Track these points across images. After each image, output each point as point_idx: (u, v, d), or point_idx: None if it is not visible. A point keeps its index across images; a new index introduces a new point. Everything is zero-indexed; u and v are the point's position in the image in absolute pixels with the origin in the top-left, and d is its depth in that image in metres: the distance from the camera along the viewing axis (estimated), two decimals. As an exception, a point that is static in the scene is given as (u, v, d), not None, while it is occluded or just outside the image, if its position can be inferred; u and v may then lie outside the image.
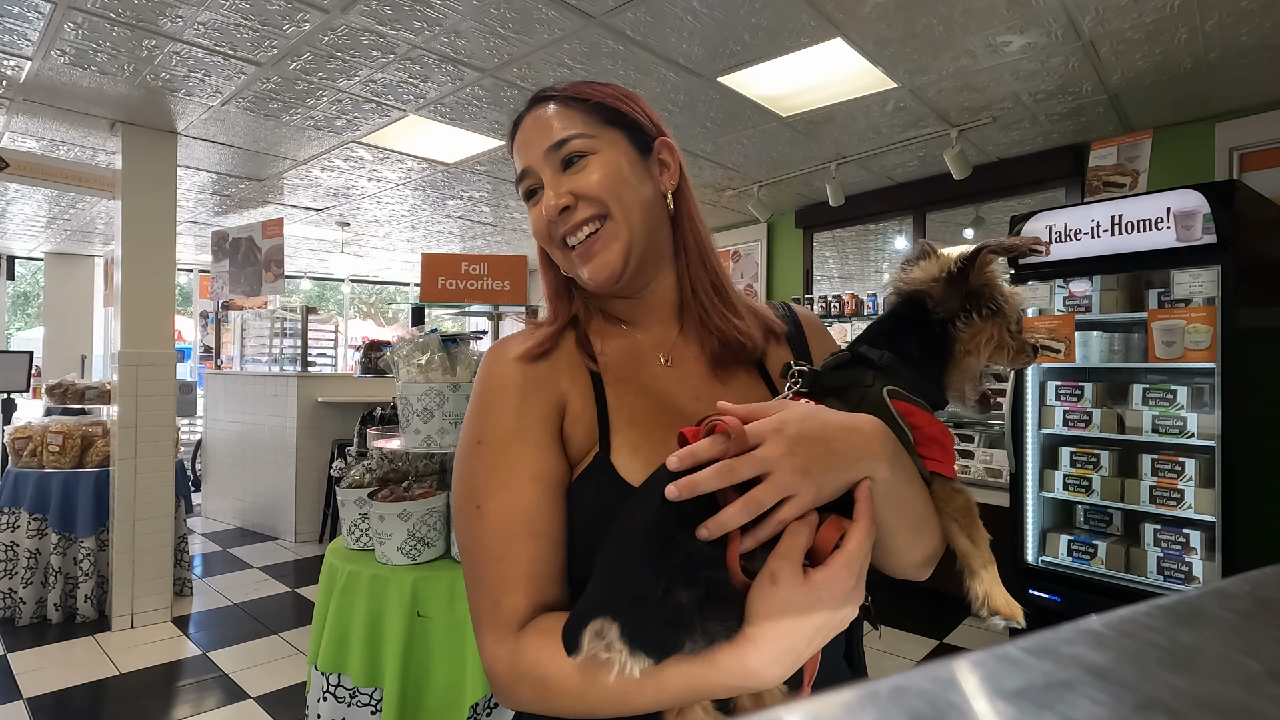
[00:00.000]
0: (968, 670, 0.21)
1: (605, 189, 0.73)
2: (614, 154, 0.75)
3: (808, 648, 0.56)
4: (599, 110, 0.76)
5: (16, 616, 3.73)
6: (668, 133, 0.81)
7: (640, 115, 0.78)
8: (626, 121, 0.77)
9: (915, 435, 0.66)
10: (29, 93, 3.41)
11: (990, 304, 0.69)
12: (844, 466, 0.58)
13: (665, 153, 0.79)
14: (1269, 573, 0.29)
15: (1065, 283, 3.26)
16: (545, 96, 0.77)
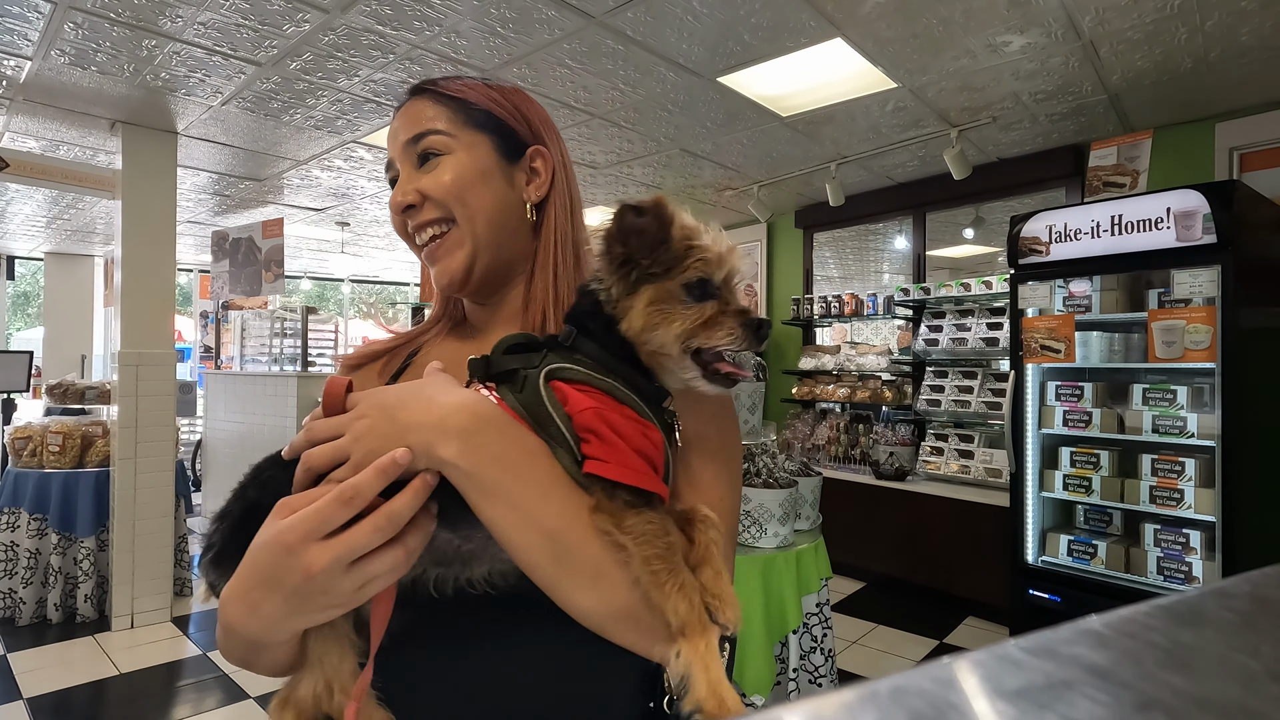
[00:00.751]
0: (968, 670, 0.21)
1: (451, 193, 0.71)
2: (470, 157, 0.72)
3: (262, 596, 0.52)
4: (468, 110, 0.73)
5: (16, 616, 3.73)
6: (548, 142, 0.77)
7: (516, 120, 0.75)
8: (496, 125, 0.74)
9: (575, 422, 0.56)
10: (29, 93, 3.40)
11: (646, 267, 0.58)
12: (397, 435, 0.53)
13: (538, 161, 0.76)
14: (1269, 573, 0.29)
15: (1065, 283, 3.26)
16: (422, 89, 0.75)
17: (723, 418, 0.69)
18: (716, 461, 0.66)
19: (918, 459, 4.51)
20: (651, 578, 0.52)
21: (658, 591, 0.52)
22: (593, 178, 4.90)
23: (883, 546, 4.35)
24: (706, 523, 0.58)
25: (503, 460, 0.54)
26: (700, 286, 0.58)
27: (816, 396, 5.25)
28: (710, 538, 0.57)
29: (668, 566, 0.52)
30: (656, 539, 0.53)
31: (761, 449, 2.48)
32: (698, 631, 0.52)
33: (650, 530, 0.53)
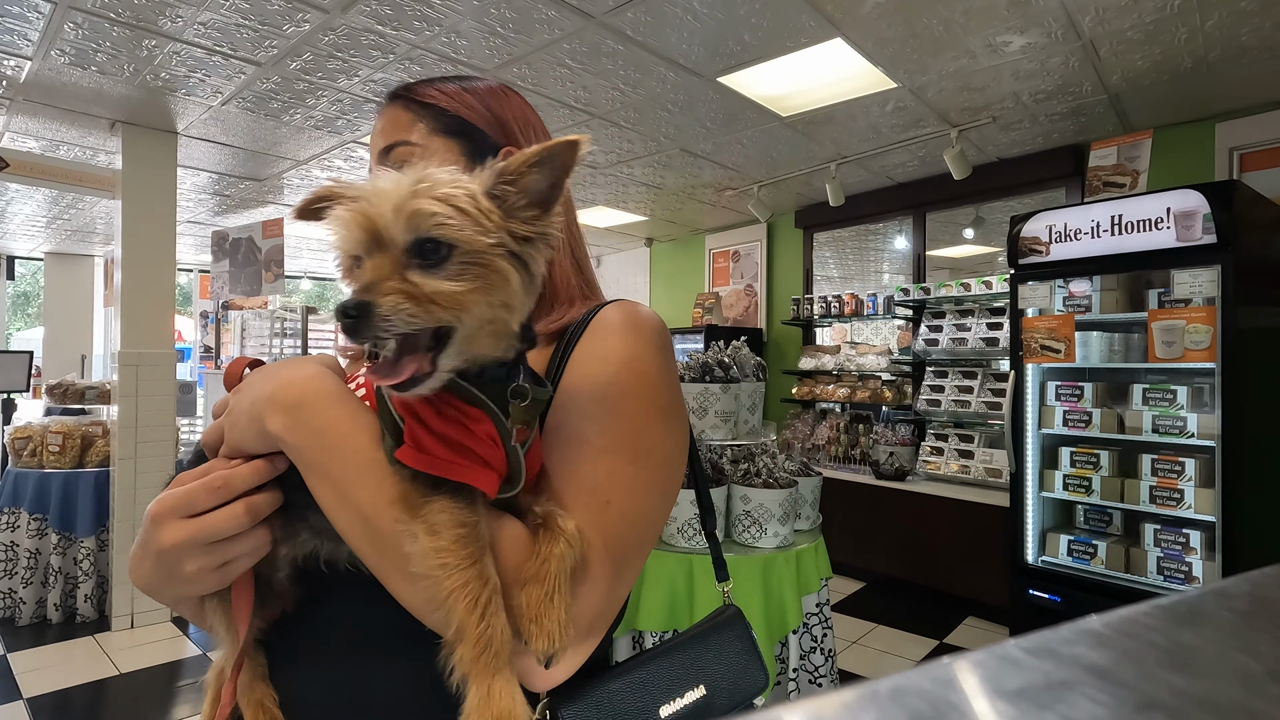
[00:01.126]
0: (968, 670, 0.21)
1: None
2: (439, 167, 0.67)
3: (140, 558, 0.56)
4: (440, 117, 0.72)
5: (16, 616, 3.73)
6: (526, 142, 0.74)
7: (489, 123, 0.73)
8: (467, 130, 0.72)
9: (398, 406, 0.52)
10: (29, 93, 3.40)
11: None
12: (245, 409, 0.55)
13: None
14: (1269, 573, 0.29)
15: (1065, 283, 3.26)
16: (396, 94, 0.74)
17: (620, 406, 0.61)
18: (610, 455, 0.59)
19: (918, 459, 4.51)
20: (438, 575, 0.48)
21: (439, 588, 0.48)
22: (592, 178, 4.90)
23: (883, 546, 4.36)
24: (555, 534, 0.52)
25: (324, 436, 0.53)
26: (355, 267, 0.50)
27: (816, 396, 5.25)
28: (554, 552, 0.51)
29: (453, 565, 0.47)
30: (449, 533, 0.48)
31: (761, 449, 2.48)
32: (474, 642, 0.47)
33: (447, 521, 0.48)
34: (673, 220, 6.21)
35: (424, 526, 0.49)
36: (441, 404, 0.51)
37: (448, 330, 0.48)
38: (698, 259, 6.77)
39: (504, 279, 0.49)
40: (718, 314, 6.27)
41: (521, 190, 0.51)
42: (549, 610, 0.49)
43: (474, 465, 0.50)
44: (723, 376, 2.41)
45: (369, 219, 0.49)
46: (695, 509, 2.22)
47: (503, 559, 0.52)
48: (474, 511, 0.50)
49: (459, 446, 0.50)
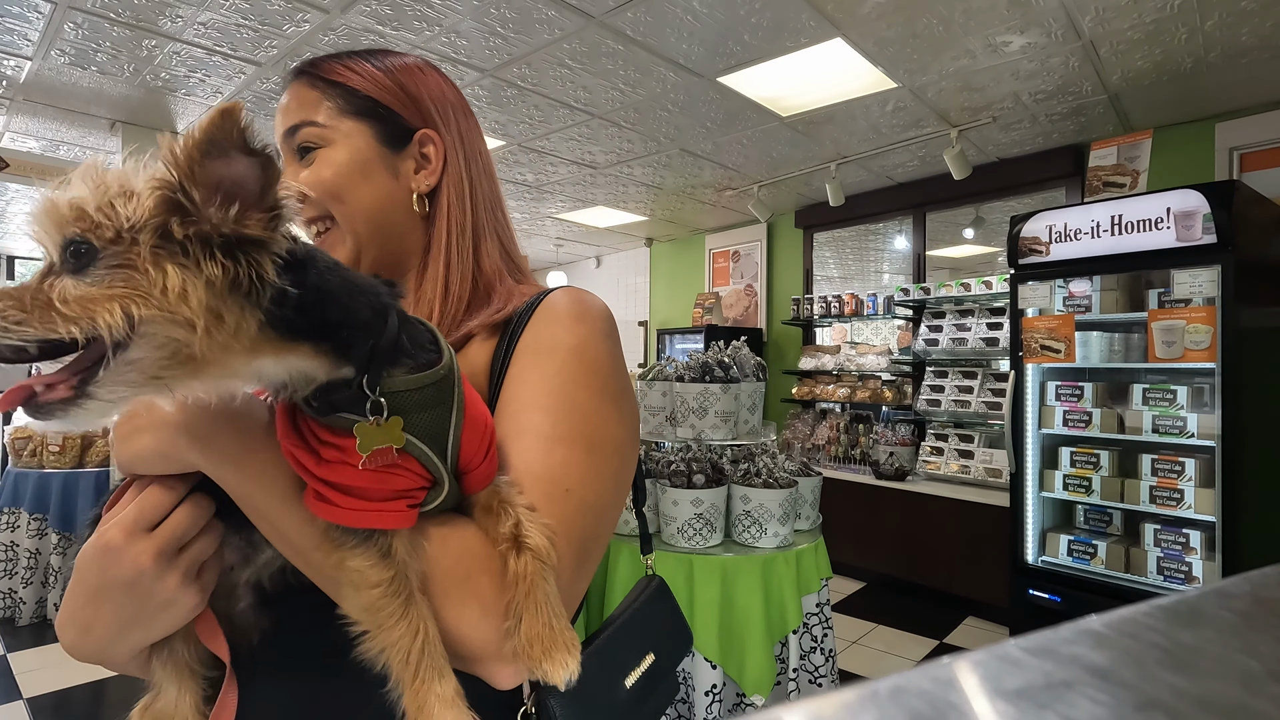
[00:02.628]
0: (968, 670, 0.21)
1: (327, 191, 0.67)
2: (348, 150, 0.67)
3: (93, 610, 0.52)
4: (349, 96, 0.67)
5: (16, 616, 3.73)
6: (444, 123, 0.71)
7: (402, 103, 0.69)
8: (378, 110, 0.68)
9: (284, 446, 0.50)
10: (29, 93, 3.41)
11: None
12: (151, 428, 0.51)
13: (428, 147, 0.70)
14: (1269, 573, 0.29)
15: (1065, 283, 3.26)
16: (302, 70, 0.69)
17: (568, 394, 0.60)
18: (566, 446, 0.58)
19: (918, 459, 4.51)
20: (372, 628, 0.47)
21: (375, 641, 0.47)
22: (592, 178, 4.90)
23: (883, 546, 4.36)
24: (526, 555, 0.50)
25: (241, 466, 0.50)
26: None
27: (816, 396, 5.25)
28: (529, 573, 0.50)
29: (381, 617, 0.47)
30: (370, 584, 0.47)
31: (761, 449, 2.48)
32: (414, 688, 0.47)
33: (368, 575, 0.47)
34: (673, 220, 6.21)
35: (348, 579, 0.48)
36: (319, 445, 0.47)
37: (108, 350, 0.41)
38: (698, 259, 6.77)
39: (151, 282, 0.40)
40: (718, 314, 6.27)
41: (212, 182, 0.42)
42: (553, 639, 0.49)
43: (375, 506, 0.47)
44: (723, 376, 2.41)
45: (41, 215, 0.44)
46: (695, 509, 2.22)
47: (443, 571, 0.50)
48: (391, 562, 0.47)
49: (354, 489, 0.47)
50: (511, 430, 0.58)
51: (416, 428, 0.49)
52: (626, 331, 7.66)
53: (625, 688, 0.63)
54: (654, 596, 0.75)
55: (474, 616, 0.50)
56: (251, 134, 0.42)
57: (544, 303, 0.66)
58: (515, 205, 5.73)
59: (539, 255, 8.07)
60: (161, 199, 0.42)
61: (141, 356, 0.41)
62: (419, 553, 0.50)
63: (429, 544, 0.51)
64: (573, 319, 0.65)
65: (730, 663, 2.08)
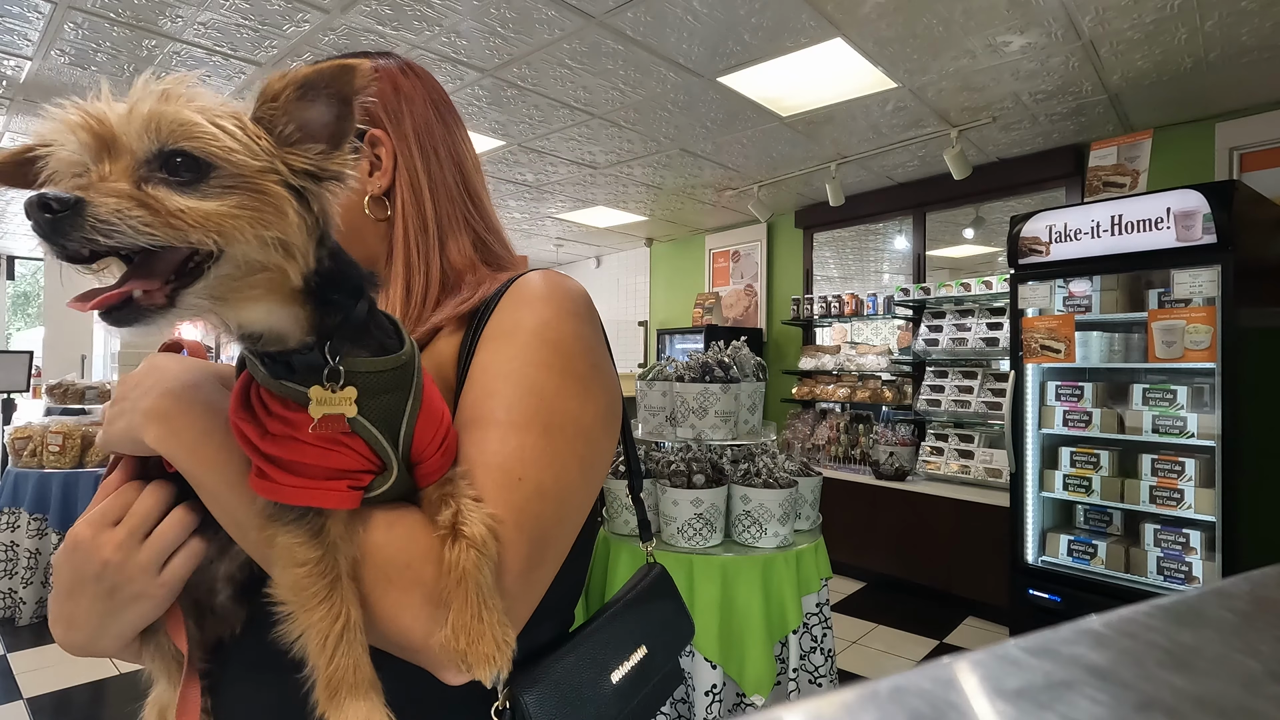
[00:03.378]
0: (968, 670, 0.21)
1: None
2: None
3: (72, 604, 0.53)
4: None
5: (16, 616, 3.73)
6: (388, 120, 0.69)
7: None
8: None
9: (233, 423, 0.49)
10: (29, 93, 3.41)
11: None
12: (122, 412, 0.53)
13: (378, 149, 0.68)
14: (1269, 573, 0.29)
15: (1065, 283, 3.26)
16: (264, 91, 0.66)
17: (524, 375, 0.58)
18: (518, 431, 0.55)
19: (918, 459, 4.51)
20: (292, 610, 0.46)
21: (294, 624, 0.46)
22: (592, 178, 4.91)
23: (883, 546, 4.36)
24: (461, 543, 0.48)
25: (196, 450, 0.51)
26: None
27: (816, 396, 5.25)
28: (461, 562, 0.47)
29: (302, 598, 0.46)
30: (296, 564, 0.46)
31: (761, 449, 2.48)
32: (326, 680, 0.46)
33: (295, 553, 0.46)
34: (673, 220, 6.21)
35: (276, 556, 0.47)
36: (267, 419, 0.47)
37: (202, 262, 0.41)
38: (698, 259, 6.77)
39: (278, 209, 0.42)
40: (718, 314, 6.27)
41: (295, 120, 0.45)
42: (480, 632, 0.46)
43: (315, 484, 0.46)
44: (723, 376, 2.41)
45: (98, 120, 0.43)
46: (695, 509, 2.22)
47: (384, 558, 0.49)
48: (320, 542, 0.47)
49: (296, 465, 0.46)
50: (468, 419, 0.56)
51: (370, 411, 0.48)
52: (626, 331, 7.65)
53: (611, 683, 0.61)
54: (651, 587, 0.73)
55: (415, 605, 0.48)
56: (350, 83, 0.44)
57: (512, 287, 0.64)
58: (515, 205, 5.72)
59: (539, 255, 8.07)
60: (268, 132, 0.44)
61: (227, 274, 0.42)
62: (354, 537, 0.49)
63: (373, 531, 0.50)
64: (539, 300, 0.63)
65: (730, 663, 2.08)
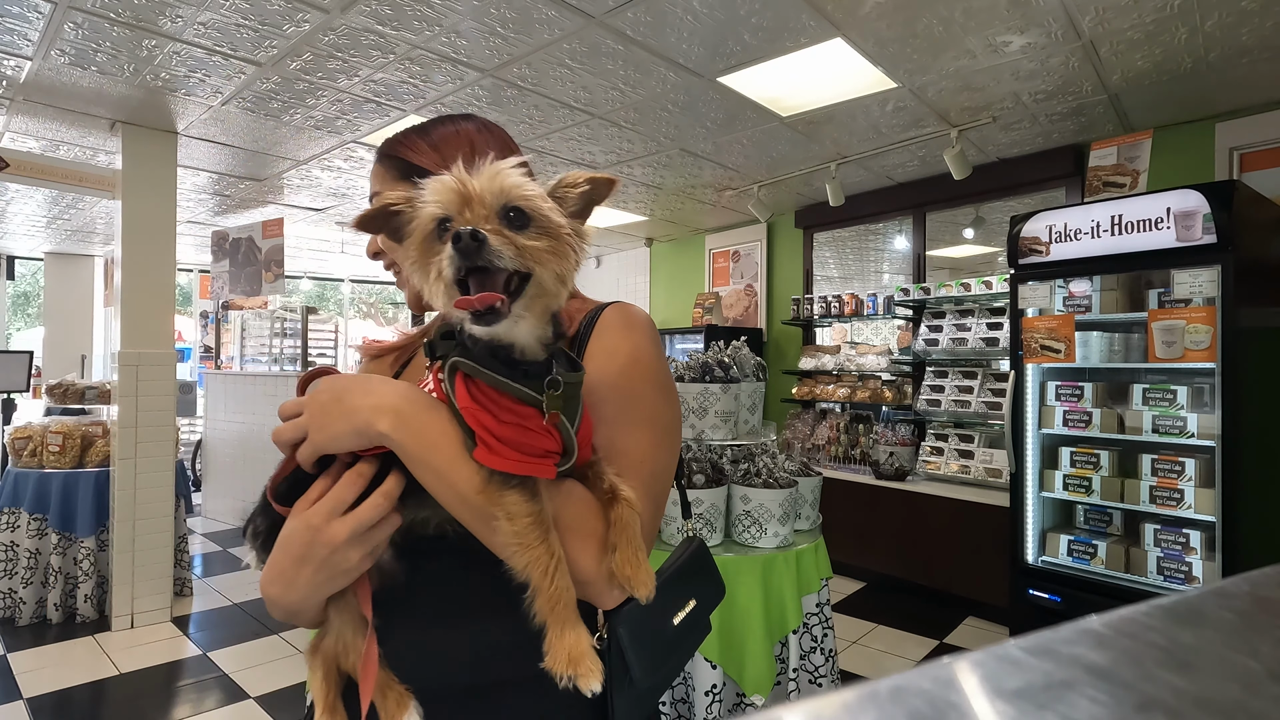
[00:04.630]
0: (968, 670, 0.21)
1: (388, 244, 0.85)
2: None
3: (295, 571, 0.67)
4: (396, 165, 0.86)
5: (16, 616, 3.73)
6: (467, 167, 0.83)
7: (432, 162, 0.84)
8: (416, 171, 0.83)
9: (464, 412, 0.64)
10: (29, 93, 3.41)
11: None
12: (344, 415, 0.66)
13: None
14: (1269, 573, 0.29)
15: (1065, 283, 3.26)
16: (378, 153, 0.89)
17: (639, 391, 0.77)
18: (639, 429, 0.75)
19: (918, 459, 4.51)
20: (516, 549, 0.62)
21: (518, 559, 0.62)
22: (593, 178, 4.90)
23: (883, 546, 4.36)
24: (620, 503, 0.67)
25: (423, 436, 0.65)
26: (439, 231, 0.61)
27: (816, 396, 5.25)
28: (622, 518, 0.66)
29: (525, 540, 0.62)
30: (521, 516, 0.62)
31: (761, 449, 2.48)
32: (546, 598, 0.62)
33: (520, 508, 0.62)
34: (673, 220, 6.21)
35: (504, 513, 0.62)
36: (498, 410, 0.63)
37: (521, 283, 0.61)
38: (698, 259, 6.77)
39: (568, 251, 0.63)
40: (718, 314, 6.27)
41: (567, 201, 0.65)
42: (638, 565, 0.66)
43: (532, 459, 0.63)
44: (723, 376, 2.41)
45: (465, 185, 0.60)
46: (695, 509, 2.22)
47: (569, 521, 0.66)
48: (538, 501, 0.63)
49: (520, 445, 0.62)
50: (595, 421, 0.73)
51: (565, 411, 0.65)
52: (626, 331, 7.65)
53: (673, 624, 0.78)
54: (695, 553, 0.90)
55: (591, 548, 0.67)
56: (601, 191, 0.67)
57: (601, 319, 0.81)
58: (515, 205, 5.72)
59: (539, 255, 8.07)
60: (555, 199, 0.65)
61: (538, 293, 0.62)
62: (553, 498, 0.66)
63: (561, 495, 0.67)
64: (626, 329, 0.80)
65: (730, 663, 2.08)
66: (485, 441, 0.62)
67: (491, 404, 0.63)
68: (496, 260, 0.58)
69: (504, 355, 0.64)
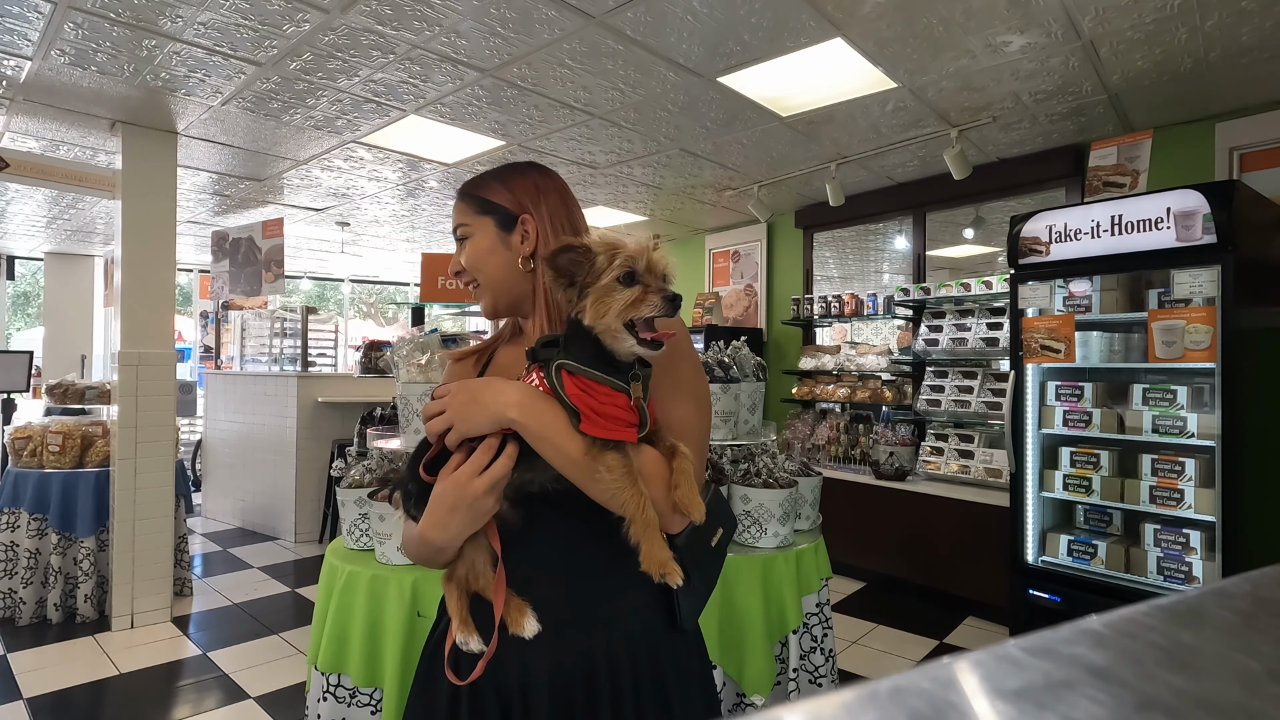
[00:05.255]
0: (968, 670, 0.21)
1: (471, 263, 1.09)
2: (481, 236, 1.08)
3: (449, 518, 0.92)
4: (476, 202, 1.09)
5: (16, 616, 3.73)
6: (535, 206, 1.08)
7: (507, 200, 1.08)
8: (492, 207, 1.08)
9: (571, 399, 0.89)
10: (29, 93, 3.41)
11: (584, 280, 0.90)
12: (481, 409, 0.91)
13: (528, 225, 1.07)
14: (1269, 573, 0.29)
15: (1065, 283, 3.26)
16: (459, 192, 1.13)
17: (684, 376, 1.02)
18: (686, 403, 1.01)
19: (918, 459, 4.51)
20: (615, 491, 0.88)
21: (617, 499, 0.88)
22: (592, 178, 4.91)
23: (883, 546, 4.36)
24: (679, 456, 0.92)
25: (542, 419, 0.90)
26: (627, 278, 0.88)
27: (816, 396, 5.25)
28: (681, 466, 0.91)
29: (622, 485, 0.87)
30: (618, 468, 0.87)
31: (761, 449, 2.48)
32: (640, 524, 0.87)
33: (616, 463, 0.88)
34: (673, 220, 6.21)
35: (605, 467, 0.87)
36: (596, 396, 0.89)
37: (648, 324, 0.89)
38: (698, 259, 6.77)
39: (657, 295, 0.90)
40: (718, 314, 6.27)
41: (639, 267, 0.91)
42: (694, 498, 0.90)
43: (623, 427, 0.89)
44: (723, 376, 2.40)
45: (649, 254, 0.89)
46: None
47: (647, 471, 0.90)
48: (628, 456, 0.89)
49: (613, 418, 0.88)
50: (654, 398, 0.97)
51: (642, 395, 0.91)
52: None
53: (710, 546, 1.05)
54: (715, 496, 1.11)
55: (662, 489, 0.91)
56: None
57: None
58: (515, 205, 5.72)
59: (539, 255, 8.07)
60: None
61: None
62: (637, 456, 0.90)
63: (640, 454, 0.91)
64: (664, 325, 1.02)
65: (730, 663, 2.08)
66: (588, 417, 0.87)
67: (591, 392, 0.88)
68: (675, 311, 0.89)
69: (608, 359, 0.90)
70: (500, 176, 1.10)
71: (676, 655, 1.03)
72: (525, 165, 1.13)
